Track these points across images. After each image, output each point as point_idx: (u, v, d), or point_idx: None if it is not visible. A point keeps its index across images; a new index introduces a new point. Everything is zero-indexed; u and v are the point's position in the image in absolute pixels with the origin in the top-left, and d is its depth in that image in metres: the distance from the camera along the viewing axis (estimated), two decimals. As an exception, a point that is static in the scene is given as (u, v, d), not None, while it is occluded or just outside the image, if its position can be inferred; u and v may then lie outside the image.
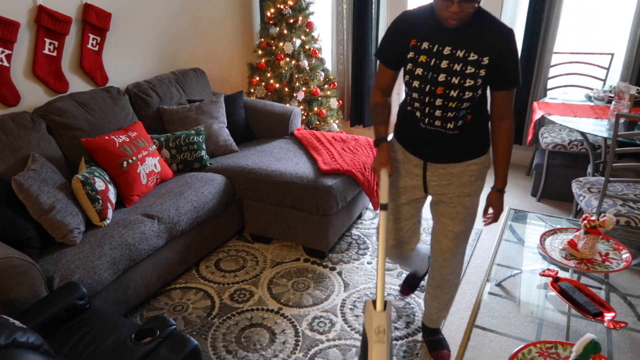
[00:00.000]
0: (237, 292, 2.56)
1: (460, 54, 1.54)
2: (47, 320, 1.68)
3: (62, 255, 2.05)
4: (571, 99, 3.32)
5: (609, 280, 2.01)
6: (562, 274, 1.77)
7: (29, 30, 2.58)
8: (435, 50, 1.57)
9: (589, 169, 3.06)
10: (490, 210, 1.85)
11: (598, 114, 2.96)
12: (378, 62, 1.77)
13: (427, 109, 1.64)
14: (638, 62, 3.36)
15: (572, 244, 1.86)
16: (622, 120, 2.63)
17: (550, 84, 3.73)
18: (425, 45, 1.58)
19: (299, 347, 2.17)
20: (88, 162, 2.47)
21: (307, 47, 3.89)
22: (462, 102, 1.58)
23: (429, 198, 1.90)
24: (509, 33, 1.52)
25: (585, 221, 1.82)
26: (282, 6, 3.78)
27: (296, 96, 3.85)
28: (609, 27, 3.64)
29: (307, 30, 3.88)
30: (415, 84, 1.62)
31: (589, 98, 3.29)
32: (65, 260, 2.02)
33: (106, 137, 2.53)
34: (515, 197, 3.55)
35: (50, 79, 2.71)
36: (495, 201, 1.81)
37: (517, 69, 1.57)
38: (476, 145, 1.73)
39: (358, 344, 2.19)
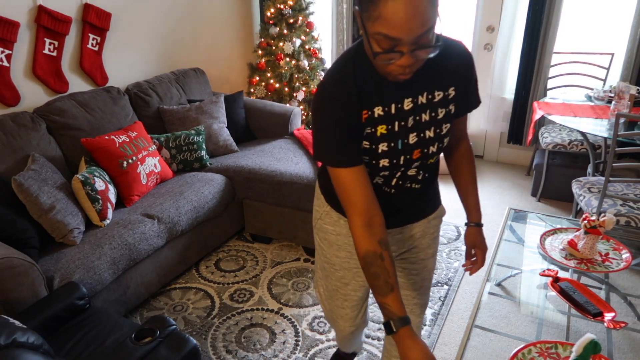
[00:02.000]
0: (237, 292, 2.56)
1: (423, 99, 1.15)
2: (47, 320, 1.68)
3: (62, 255, 2.05)
4: (571, 99, 3.32)
5: (609, 280, 2.01)
6: (562, 274, 1.77)
7: (29, 30, 2.58)
8: (393, 111, 1.14)
9: (589, 169, 3.06)
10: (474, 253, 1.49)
11: (598, 114, 2.96)
12: (334, 173, 1.13)
13: (398, 175, 1.25)
14: (638, 62, 3.36)
15: (572, 244, 1.86)
16: (622, 120, 2.63)
17: (550, 84, 3.74)
18: (378, 111, 1.13)
19: (299, 347, 2.17)
20: (88, 162, 2.47)
21: (307, 47, 3.90)
22: (440, 152, 1.26)
23: None
24: (462, 49, 1.19)
25: (585, 221, 1.82)
26: (282, 6, 3.78)
27: (296, 96, 3.85)
28: (609, 27, 3.64)
29: (307, 30, 3.88)
30: (384, 162, 1.18)
31: (589, 98, 3.29)
32: (65, 260, 2.02)
33: (106, 137, 2.53)
34: (515, 197, 3.55)
35: (50, 79, 2.71)
36: (479, 239, 1.45)
37: (477, 85, 1.27)
38: (434, 193, 1.43)
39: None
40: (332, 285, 1.51)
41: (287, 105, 3.68)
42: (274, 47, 3.87)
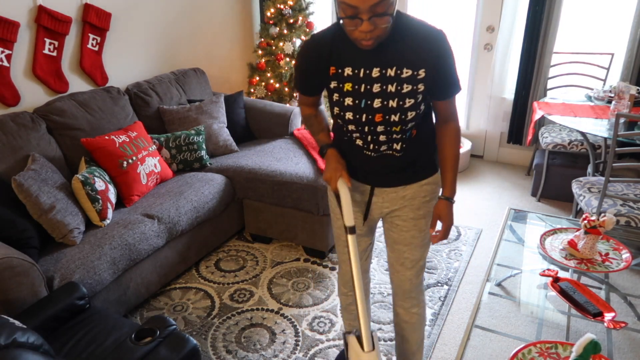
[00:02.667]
0: (237, 292, 2.56)
1: (391, 72, 1.33)
2: (47, 320, 1.68)
3: (62, 255, 2.05)
4: (571, 99, 3.32)
5: (609, 280, 2.01)
6: (562, 274, 1.77)
7: (29, 30, 2.58)
8: (362, 75, 1.36)
9: (589, 169, 3.06)
10: (439, 225, 1.62)
11: (598, 114, 2.96)
12: (299, 95, 1.58)
13: (370, 136, 1.45)
14: (638, 62, 3.36)
15: (572, 244, 1.86)
16: (622, 120, 2.63)
17: (550, 84, 3.74)
18: (348, 71, 1.37)
19: (299, 347, 2.17)
20: (88, 162, 2.47)
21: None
22: (406, 124, 1.41)
23: (379, 228, 1.72)
24: (439, 36, 1.32)
25: (585, 221, 1.82)
26: (282, 6, 3.78)
27: (296, 96, 3.85)
28: (609, 27, 3.64)
29: (307, 30, 3.88)
30: (349, 115, 1.42)
31: (589, 98, 3.29)
32: (65, 260, 2.02)
33: (106, 137, 2.53)
34: (515, 197, 3.55)
35: (50, 79, 2.71)
36: (445, 211, 1.56)
37: (455, 74, 1.39)
38: (427, 162, 1.57)
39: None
40: (335, 233, 1.74)
41: (287, 105, 3.68)
42: (274, 47, 3.87)
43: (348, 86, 1.39)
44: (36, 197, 2.08)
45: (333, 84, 1.41)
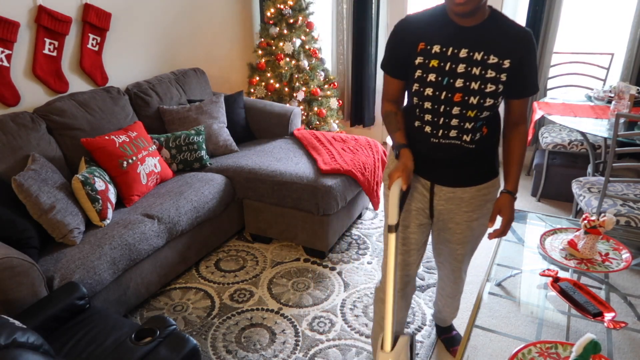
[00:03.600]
0: (237, 292, 2.56)
1: (478, 56, 1.40)
2: (47, 320, 1.68)
3: (62, 255, 2.05)
4: (571, 99, 3.32)
5: (609, 280, 2.01)
6: (562, 274, 1.77)
7: (29, 30, 2.58)
8: (449, 53, 1.42)
9: (589, 169, 3.06)
10: (499, 220, 1.71)
11: (598, 114, 2.96)
12: (385, 75, 1.60)
13: (442, 119, 1.48)
14: (638, 62, 3.36)
15: (572, 244, 1.86)
16: (622, 120, 2.63)
17: (550, 84, 3.73)
18: (436, 48, 1.43)
19: (299, 347, 2.17)
20: (88, 162, 2.47)
21: (307, 47, 3.90)
22: (482, 111, 1.44)
23: None
24: (528, 34, 1.41)
25: (585, 221, 1.82)
26: (282, 6, 3.78)
27: (296, 96, 3.85)
28: (609, 27, 3.64)
29: (307, 30, 3.88)
30: (428, 91, 1.46)
31: (589, 98, 3.29)
32: (65, 260, 2.02)
33: (106, 137, 2.53)
34: (515, 197, 3.55)
35: (50, 79, 2.71)
36: (506, 205, 1.59)
37: (536, 74, 1.47)
38: (489, 166, 1.61)
39: (358, 344, 2.19)
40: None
41: (287, 105, 3.68)
42: (274, 47, 3.87)
43: (434, 62, 1.43)
44: (36, 197, 2.08)
45: (419, 60, 1.45)
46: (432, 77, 1.44)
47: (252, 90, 3.99)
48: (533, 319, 1.89)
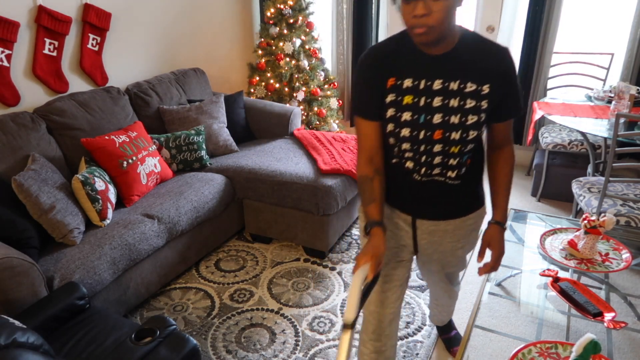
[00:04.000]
0: (237, 292, 2.56)
1: (454, 86, 1.26)
2: (47, 320, 1.68)
3: (62, 255, 2.05)
4: (571, 99, 3.32)
5: (609, 280, 2.01)
6: (562, 274, 1.77)
7: (29, 30, 2.58)
8: (422, 86, 1.27)
9: (589, 169, 3.06)
10: (488, 255, 1.50)
11: (598, 114, 2.96)
12: (356, 120, 1.39)
13: (424, 157, 1.34)
14: (638, 62, 3.36)
15: (572, 244, 1.86)
16: (622, 120, 2.63)
17: (550, 84, 3.73)
18: (408, 82, 1.28)
19: (299, 347, 2.17)
20: (88, 162, 2.47)
21: (307, 47, 3.89)
22: (466, 145, 1.32)
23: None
24: (506, 52, 1.28)
25: (585, 221, 1.82)
26: (282, 6, 3.78)
27: (296, 96, 3.85)
28: (609, 27, 3.64)
29: (307, 30, 3.88)
30: (405, 132, 1.31)
31: (589, 98, 3.29)
32: (65, 260, 2.02)
33: (106, 137, 2.53)
34: (515, 197, 3.55)
35: (50, 79, 2.71)
36: (496, 238, 1.46)
37: (519, 93, 1.33)
38: (475, 196, 1.48)
39: (358, 344, 2.19)
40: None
41: (287, 105, 3.68)
42: (274, 47, 3.87)
43: (407, 99, 1.29)
44: (36, 197, 2.08)
45: (390, 97, 1.31)
46: (406, 115, 1.30)
47: (252, 90, 3.99)
48: (533, 319, 1.88)
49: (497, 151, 1.44)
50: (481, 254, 1.50)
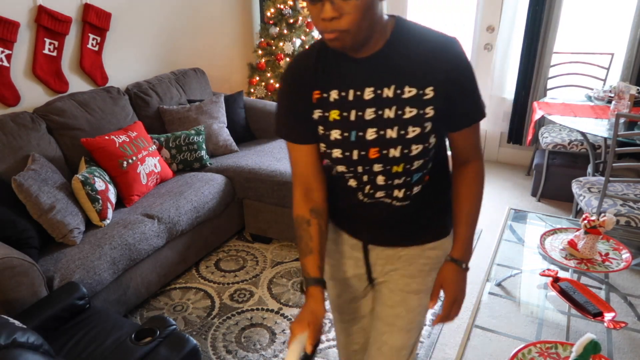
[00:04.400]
0: (237, 292, 2.56)
1: (389, 92, 1.01)
2: (47, 320, 1.68)
3: (62, 255, 2.05)
4: (571, 99, 3.32)
5: (609, 280, 2.01)
6: (562, 274, 1.77)
7: (29, 30, 2.58)
8: (351, 97, 1.04)
9: (589, 169, 3.06)
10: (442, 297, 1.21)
11: (598, 114, 2.96)
12: (286, 144, 1.18)
13: (365, 177, 1.10)
14: (638, 62, 3.36)
15: (572, 244, 1.86)
16: (622, 120, 2.63)
17: (550, 84, 3.73)
18: (334, 94, 1.05)
19: (299, 347, 2.17)
20: (88, 162, 2.47)
21: (307, 47, 3.89)
22: (411, 162, 1.06)
23: None
24: (452, 44, 1.00)
25: (585, 221, 1.82)
26: (282, 6, 3.78)
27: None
28: (609, 27, 3.64)
29: (307, 30, 3.88)
30: (337, 153, 1.08)
31: (589, 98, 3.29)
32: (65, 260, 2.02)
33: (106, 137, 2.53)
34: (515, 197, 3.55)
35: (50, 79, 2.71)
36: (451, 279, 1.19)
37: (476, 92, 1.05)
38: (437, 221, 1.21)
39: None
40: (333, 303, 1.40)
41: (287, 105, 3.68)
42: (274, 47, 3.87)
43: (334, 114, 1.06)
44: (36, 197, 2.08)
45: (317, 113, 1.08)
46: (335, 134, 1.07)
47: (252, 90, 3.99)
48: (533, 319, 1.89)
49: (460, 168, 1.17)
50: (433, 297, 1.23)
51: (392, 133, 1.03)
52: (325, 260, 1.25)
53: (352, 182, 1.13)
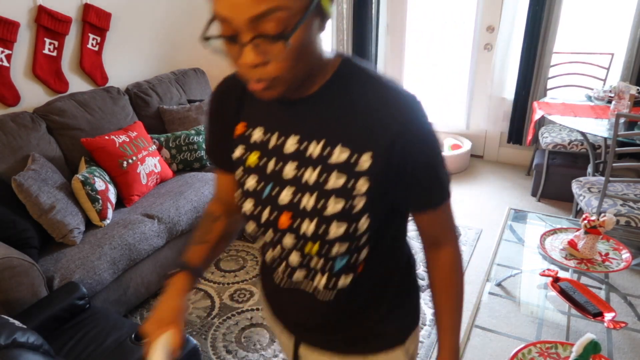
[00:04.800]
0: (237, 292, 2.56)
1: (315, 149, 0.78)
2: (47, 320, 1.68)
3: (62, 255, 2.05)
4: (571, 99, 3.32)
5: (609, 280, 2.01)
6: (562, 274, 1.77)
7: (29, 30, 2.58)
8: (274, 142, 0.82)
9: (589, 169, 3.06)
10: None
11: (598, 114, 2.96)
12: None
13: (277, 249, 0.88)
14: (638, 62, 3.36)
15: (572, 244, 1.86)
16: (622, 120, 2.63)
17: (550, 84, 3.73)
18: (258, 133, 0.85)
19: (299, 347, 2.17)
20: (88, 162, 2.47)
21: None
22: (330, 245, 0.80)
23: None
24: (409, 102, 0.75)
25: (585, 221, 1.82)
26: (282, 6, 3.77)
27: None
28: (609, 27, 3.64)
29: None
30: (248, 205, 0.86)
31: (589, 98, 3.29)
32: (65, 260, 2.02)
33: (106, 137, 2.53)
34: (515, 197, 3.55)
35: (50, 79, 2.71)
36: None
37: (439, 167, 0.80)
38: (376, 328, 0.92)
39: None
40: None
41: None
42: (274, 47, 3.87)
43: (253, 157, 0.85)
44: (36, 197, 2.08)
45: (239, 151, 0.87)
46: (251, 181, 0.85)
47: (252, 90, 3.99)
48: (533, 319, 1.89)
49: (431, 252, 0.91)
50: None
51: (308, 202, 0.79)
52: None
53: (268, 254, 0.91)
